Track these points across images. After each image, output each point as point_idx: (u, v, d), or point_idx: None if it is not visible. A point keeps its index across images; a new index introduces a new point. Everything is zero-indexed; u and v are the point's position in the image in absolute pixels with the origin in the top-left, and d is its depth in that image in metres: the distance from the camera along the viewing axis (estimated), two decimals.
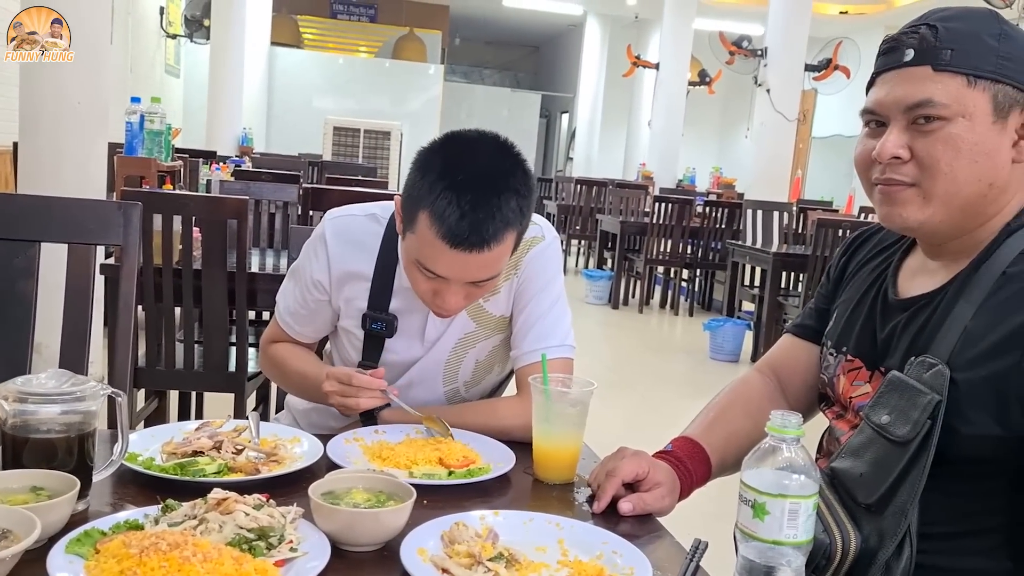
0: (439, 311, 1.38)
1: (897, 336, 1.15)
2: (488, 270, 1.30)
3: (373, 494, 1.04)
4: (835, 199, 10.90)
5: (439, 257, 1.26)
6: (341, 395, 1.35)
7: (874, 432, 1.08)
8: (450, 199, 1.23)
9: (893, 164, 1.09)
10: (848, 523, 1.08)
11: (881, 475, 1.06)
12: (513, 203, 1.26)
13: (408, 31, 15.16)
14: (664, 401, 4.97)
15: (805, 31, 8.04)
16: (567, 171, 16.26)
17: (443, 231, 1.23)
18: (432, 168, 1.26)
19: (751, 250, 6.09)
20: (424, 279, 1.32)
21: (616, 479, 1.17)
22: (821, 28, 11.46)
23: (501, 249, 1.28)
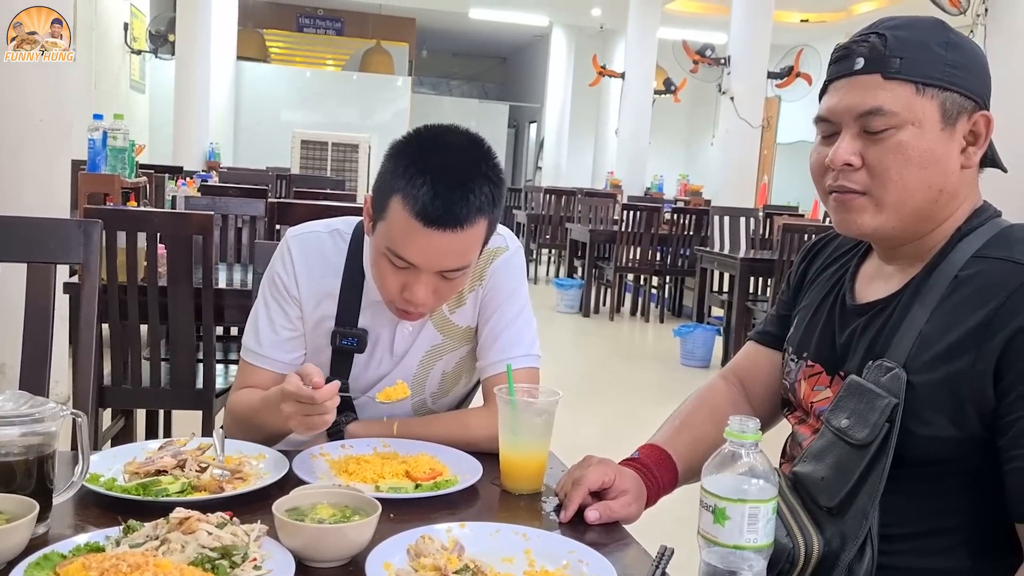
0: (406, 309, 1.35)
1: (855, 340, 1.17)
2: (459, 257, 1.30)
3: (339, 509, 1.04)
4: (801, 204, 11.01)
5: (412, 239, 1.26)
6: (303, 415, 1.22)
7: (834, 436, 1.10)
8: (424, 180, 1.25)
9: (845, 171, 1.11)
10: (811, 526, 1.09)
11: (842, 478, 1.07)
12: (486, 189, 1.28)
13: (375, 44, 15.15)
14: (636, 408, 4.99)
15: (767, 39, 8.15)
16: (536, 180, 16.32)
17: (417, 209, 1.24)
18: (404, 156, 1.29)
19: (719, 256, 6.15)
20: (393, 272, 1.31)
21: (582, 488, 1.18)
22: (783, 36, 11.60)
23: (473, 234, 1.29)
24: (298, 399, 1.20)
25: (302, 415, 1.22)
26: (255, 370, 1.47)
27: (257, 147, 12.72)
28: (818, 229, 5.49)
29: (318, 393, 1.19)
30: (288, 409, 1.22)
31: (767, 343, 1.40)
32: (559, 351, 6.72)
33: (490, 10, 14.38)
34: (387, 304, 1.39)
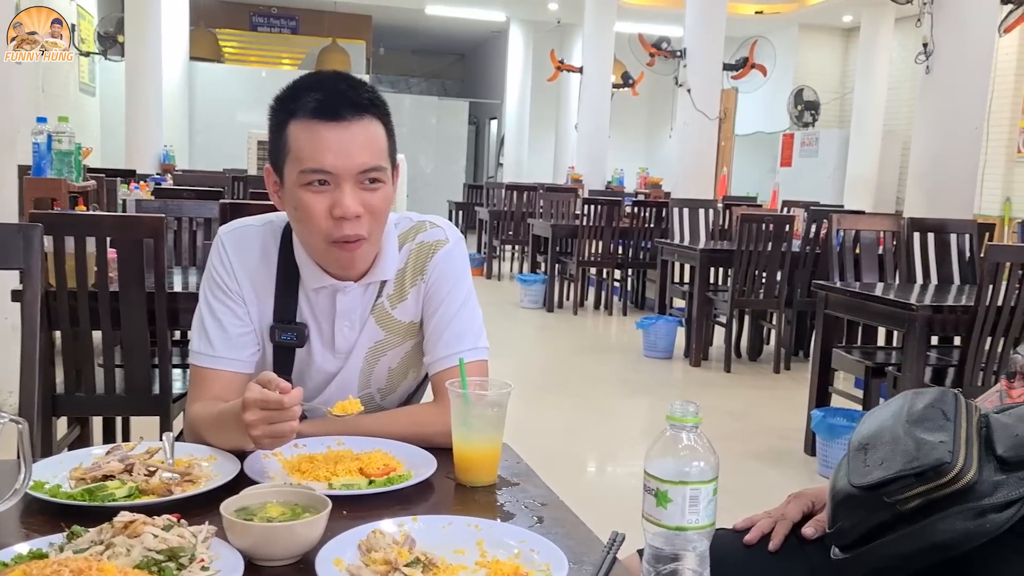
0: (342, 235, 1.34)
1: None
2: (368, 152, 1.34)
3: (288, 507, 1.03)
4: (760, 194, 11.14)
5: (318, 141, 1.32)
6: (271, 423, 1.17)
7: None
8: (309, 91, 1.34)
9: None
10: (976, 459, 1.07)
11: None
12: (367, 92, 1.37)
13: (331, 42, 15.04)
14: (600, 401, 5.01)
15: (721, 31, 8.22)
16: (498, 177, 16.32)
17: (312, 109, 1.32)
18: (283, 96, 1.37)
19: (679, 248, 6.19)
20: (316, 198, 1.33)
21: (787, 522, 1.31)
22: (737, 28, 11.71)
23: (371, 130, 1.35)
24: (264, 406, 1.16)
25: (267, 423, 1.17)
26: (211, 374, 1.43)
27: (213, 149, 12.58)
28: (775, 219, 5.56)
29: (286, 396, 1.16)
30: (252, 418, 1.16)
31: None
32: (524, 346, 6.73)
33: (446, 7, 14.34)
34: (324, 246, 1.37)
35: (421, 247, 1.49)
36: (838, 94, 13.66)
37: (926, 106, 5.57)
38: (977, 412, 1.15)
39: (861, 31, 11.98)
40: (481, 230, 10.68)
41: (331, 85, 1.35)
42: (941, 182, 5.41)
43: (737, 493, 3.52)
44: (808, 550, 1.28)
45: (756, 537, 1.31)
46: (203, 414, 1.36)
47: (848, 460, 1.19)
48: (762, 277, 5.56)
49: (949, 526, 1.05)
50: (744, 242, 5.43)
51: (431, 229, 1.51)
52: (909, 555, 1.09)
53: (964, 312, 3.35)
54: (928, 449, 1.07)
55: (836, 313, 3.97)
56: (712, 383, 5.51)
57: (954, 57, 5.28)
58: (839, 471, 1.20)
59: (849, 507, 1.15)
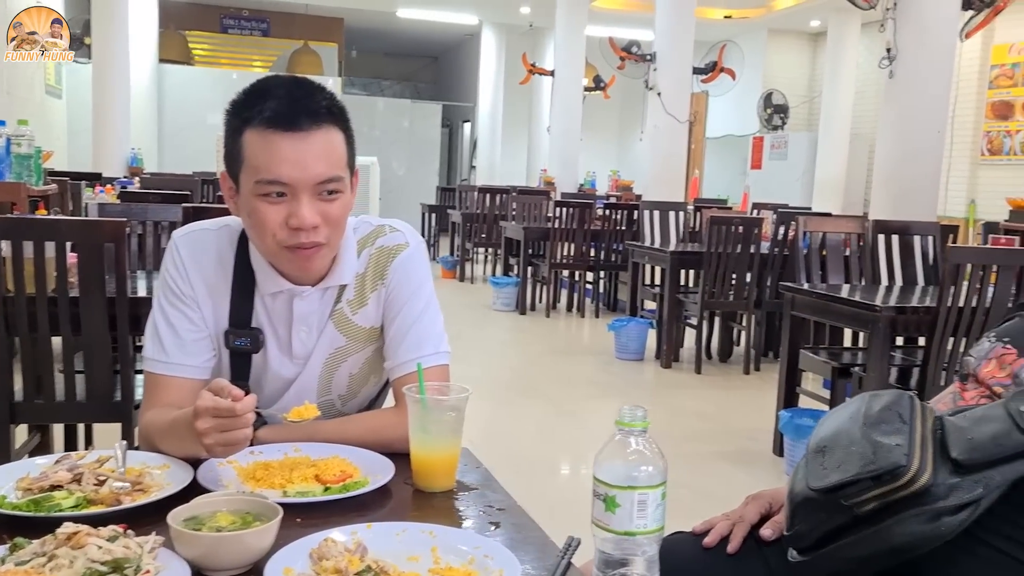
0: (298, 242, 1.32)
1: None
2: (326, 162, 1.31)
3: (239, 516, 1.02)
4: (731, 196, 11.22)
5: (275, 152, 1.29)
6: (223, 430, 1.15)
7: (1006, 414, 1.09)
8: (267, 99, 1.30)
9: None
10: (930, 462, 1.07)
11: (990, 448, 1.06)
12: (325, 98, 1.33)
13: (303, 44, 14.96)
14: (572, 403, 5.02)
15: (691, 35, 8.27)
16: (471, 180, 16.30)
17: (267, 118, 1.29)
18: (239, 102, 1.33)
19: (649, 250, 6.21)
20: (272, 209, 1.31)
21: (745, 524, 1.31)
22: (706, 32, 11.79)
23: (331, 137, 1.32)
24: (216, 413, 1.14)
25: (220, 431, 1.15)
26: (164, 380, 1.41)
27: (183, 152, 12.46)
28: (744, 221, 5.59)
29: (239, 404, 1.14)
30: (204, 426, 1.14)
31: None
32: (496, 349, 6.72)
33: (418, 9, 14.32)
34: (280, 256, 1.35)
35: (381, 251, 1.48)
36: (806, 98, 13.78)
37: (890, 110, 5.63)
38: (932, 415, 1.16)
39: (828, 36, 12.11)
40: (454, 233, 10.66)
41: (287, 92, 1.31)
42: (905, 185, 5.48)
43: (706, 494, 3.54)
44: (766, 552, 1.29)
45: (715, 540, 1.31)
46: (156, 422, 1.34)
47: (806, 463, 1.19)
48: (732, 279, 5.59)
49: (905, 529, 1.06)
50: (713, 244, 5.46)
51: (391, 233, 1.50)
52: (866, 558, 1.10)
53: (927, 313, 3.39)
54: (884, 452, 1.08)
55: (803, 315, 4.00)
56: (683, 384, 5.54)
57: (917, 62, 5.35)
58: (797, 474, 1.21)
59: (807, 510, 1.16)
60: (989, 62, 10.44)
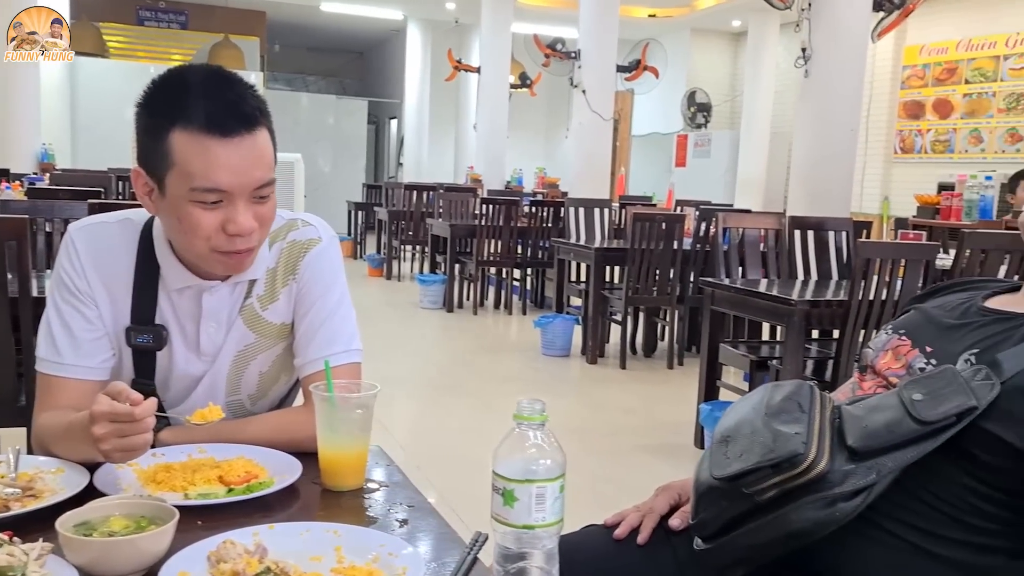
0: (232, 247, 1.28)
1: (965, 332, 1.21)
2: (262, 167, 1.27)
3: (133, 520, 0.99)
4: (657, 193, 11.37)
5: (212, 159, 1.23)
6: (121, 435, 1.10)
7: (899, 402, 1.11)
8: (194, 97, 1.23)
9: None
10: (827, 450, 1.10)
11: (883, 436, 1.09)
12: (254, 101, 1.28)
13: (223, 38, 14.62)
14: (498, 399, 5.02)
15: (615, 34, 8.35)
16: (399, 177, 16.18)
17: (202, 123, 1.22)
18: (159, 97, 1.26)
19: (575, 247, 6.26)
20: (207, 214, 1.25)
21: (655, 514, 1.33)
22: (631, 31, 11.93)
23: (263, 140, 1.28)
24: (113, 418, 1.09)
25: (118, 436, 1.10)
26: (59, 383, 1.35)
27: (98, 147, 12.06)
28: (667, 218, 5.67)
29: (137, 408, 1.10)
30: (100, 432, 1.10)
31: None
32: (423, 347, 6.69)
33: (342, 4, 14.15)
34: (210, 258, 1.31)
35: (293, 246, 1.45)
36: (729, 96, 14.05)
37: (805, 109, 5.78)
38: (831, 404, 1.19)
39: (748, 36, 12.36)
40: (380, 230, 10.58)
41: (216, 91, 1.25)
42: (821, 182, 5.63)
43: (629, 487, 3.58)
44: (675, 542, 1.30)
45: (625, 531, 1.32)
46: (51, 425, 1.29)
47: (711, 452, 1.21)
48: (655, 275, 5.67)
49: (802, 515, 1.09)
50: (637, 241, 5.53)
51: (303, 227, 1.47)
52: (766, 544, 1.12)
53: (839, 306, 3.48)
54: (784, 441, 1.10)
55: (722, 309, 4.08)
56: (608, 379, 5.59)
57: (830, 62, 5.49)
58: (702, 463, 1.23)
59: (710, 498, 1.18)
60: (901, 63, 10.79)
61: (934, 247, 3.75)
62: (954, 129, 10.15)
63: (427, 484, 3.48)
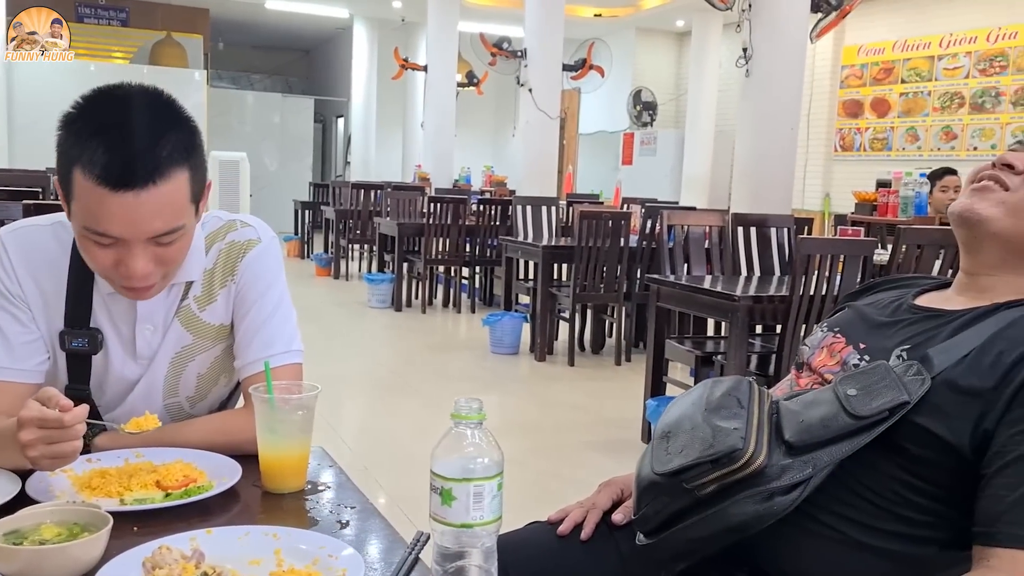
0: (128, 285, 1.25)
1: (896, 329, 1.24)
2: (163, 218, 1.20)
3: (66, 528, 0.97)
4: (604, 191, 11.45)
5: (104, 209, 1.16)
6: (49, 442, 1.07)
7: (834, 397, 1.14)
8: (99, 141, 1.15)
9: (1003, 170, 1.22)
10: (765, 444, 1.12)
11: (819, 430, 1.11)
12: (172, 137, 1.20)
13: (165, 35, 14.38)
14: (447, 398, 4.94)
15: (560, 33, 8.39)
16: (346, 176, 16.06)
17: (98, 174, 1.14)
18: (75, 122, 1.19)
19: (522, 245, 6.27)
20: (100, 251, 1.21)
21: (597, 511, 1.34)
22: (576, 30, 12.00)
23: (174, 188, 1.19)
24: (42, 424, 1.06)
25: (46, 443, 1.07)
26: None
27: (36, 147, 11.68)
28: (613, 216, 5.72)
29: (67, 414, 1.07)
30: (28, 437, 1.06)
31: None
32: (371, 347, 6.66)
33: (288, 1, 14.00)
34: (110, 284, 1.29)
35: (231, 247, 1.43)
36: (674, 95, 14.21)
37: (747, 108, 5.87)
38: (769, 399, 1.21)
39: (692, 35, 12.50)
40: (328, 230, 10.49)
41: (124, 136, 1.16)
42: (763, 180, 5.72)
43: (575, 483, 3.60)
44: (618, 536, 1.32)
45: (568, 528, 1.33)
46: None
47: (652, 448, 1.23)
48: (602, 272, 5.71)
49: (741, 509, 1.10)
50: (584, 238, 5.56)
51: (242, 228, 1.45)
52: (707, 538, 1.14)
53: (781, 302, 3.55)
54: (723, 436, 1.12)
55: (667, 305, 4.12)
56: (556, 377, 5.62)
57: (771, 62, 5.59)
58: (644, 459, 1.24)
59: (652, 494, 1.19)
60: (840, 63, 11.01)
61: (872, 243, 3.84)
62: (891, 127, 10.39)
63: (375, 485, 3.47)
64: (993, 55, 9.27)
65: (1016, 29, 9.02)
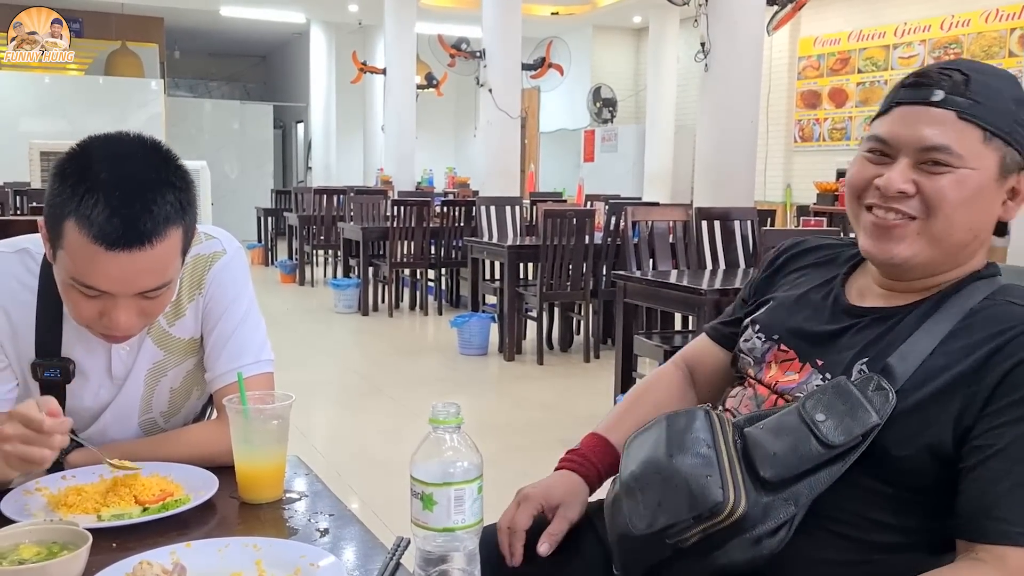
0: (110, 334, 1.26)
1: (846, 337, 1.19)
2: (155, 275, 1.20)
3: (44, 547, 0.97)
4: (567, 189, 11.49)
5: (97, 266, 1.15)
6: (25, 442, 1.10)
7: (802, 422, 1.09)
8: (96, 198, 1.13)
9: (897, 198, 1.12)
10: (743, 487, 1.08)
11: (794, 462, 1.08)
12: (170, 196, 1.18)
13: (120, 45, 14.19)
14: (417, 401, 5.01)
15: (518, 32, 8.41)
16: (308, 181, 15.96)
17: (94, 233, 1.13)
18: (71, 173, 1.16)
19: (488, 245, 6.29)
20: (85, 301, 1.20)
21: (519, 533, 1.22)
22: (534, 29, 12.02)
23: (166, 247, 1.18)
24: (26, 421, 1.09)
25: (22, 442, 1.09)
26: None
27: None
28: (577, 213, 5.75)
29: (48, 419, 1.09)
30: (9, 431, 1.09)
31: (719, 341, 1.43)
32: (339, 352, 6.63)
33: (242, 7, 13.86)
34: (88, 329, 1.28)
35: (197, 260, 1.43)
36: (633, 91, 14.29)
37: (707, 102, 5.92)
38: (729, 426, 1.16)
39: (650, 31, 12.59)
40: (291, 236, 10.42)
41: (123, 201, 1.14)
42: (724, 173, 5.78)
43: None
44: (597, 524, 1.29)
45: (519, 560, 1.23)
46: None
47: (623, 500, 1.17)
48: (568, 270, 5.74)
49: (729, 558, 1.08)
50: (549, 237, 5.59)
51: (207, 241, 1.45)
52: None
53: None
54: (700, 488, 1.08)
55: (635, 301, 4.15)
56: (526, 376, 5.64)
57: (729, 55, 5.64)
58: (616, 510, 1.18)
59: (630, 547, 1.16)
60: (797, 54, 11.15)
61: (833, 233, 3.90)
62: (850, 117, 10.54)
63: (348, 491, 3.46)
64: (947, 42, 9.44)
65: (968, 17, 9.19)
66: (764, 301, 1.36)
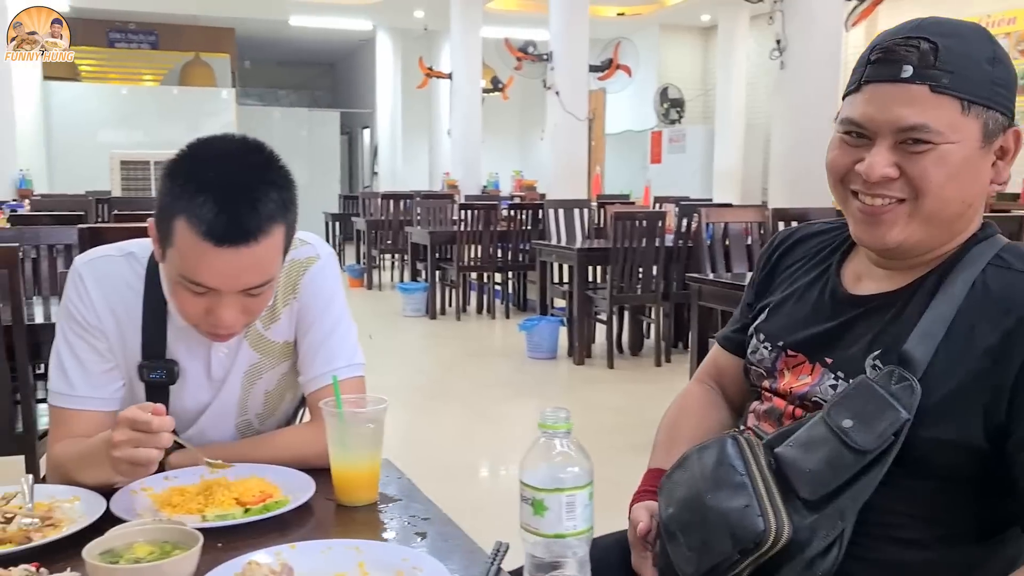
0: (215, 332, 1.29)
1: (851, 331, 1.15)
2: (259, 272, 1.24)
3: (157, 546, 0.99)
4: (633, 191, 11.41)
5: (205, 262, 1.20)
6: (135, 445, 1.13)
7: (831, 432, 1.06)
8: (205, 197, 1.18)
9: (881, 183, 1.08)
10: (784, 512, 1.04)
11: (830, 476, 1.04)
12: (273, 195, 1.23)
13: (194, 56, 14.59)
14: (487, 405, 5.02)
15: (585, 34, 8.39)
16: (374, 186, 16.16)
17: (203, 230, 1.17)
18: (180, 174, 1.22)
19: (556, 248, 6.27)
20: (193, 298, 1.25)
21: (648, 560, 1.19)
22: (601, 30, 11.97)
23: (270, 244, 1.22)
24: (134, 424, 1.13)
25: (132, 445, 1.13)
26: (72, 415, 1.35)
27: (75, 171, 11.97)
28: (647, 216, 5.70)
29: (155, 419, 1.13)
30: (120, 437, 1.13)
31: (732, 350, 1.40)
32: (408, 355, 6.68)
33: (311, 16, 14.12)
34: (194, 327, 1.32)
35: (292, 265, 1.45)
36: (701, 91, 14.14)
37: (782, 101, 5.82)
38: (760, 449, 1.12)
39: (719, 29, 12.44)
40: (359, 240, 10.56)
41: (230, 199, 1.18)
42: (800, 173, 5.67)
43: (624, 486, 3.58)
44: None
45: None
46: (67, 451, 1.30)
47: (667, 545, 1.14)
48: (638, 273, 5.69)
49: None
50: (619, 240, 5.55)
51: (301, 247, 1.47)
52: None
53: None
54: (739, 521, 1.05)
55: (710, 304, 4.10)
56: (596, 380, 5.61)
57: (805, 53, 5.54)
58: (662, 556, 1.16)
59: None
60: None
61: None
62: None
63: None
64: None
65: None
66: (765, 305, 1.32)
